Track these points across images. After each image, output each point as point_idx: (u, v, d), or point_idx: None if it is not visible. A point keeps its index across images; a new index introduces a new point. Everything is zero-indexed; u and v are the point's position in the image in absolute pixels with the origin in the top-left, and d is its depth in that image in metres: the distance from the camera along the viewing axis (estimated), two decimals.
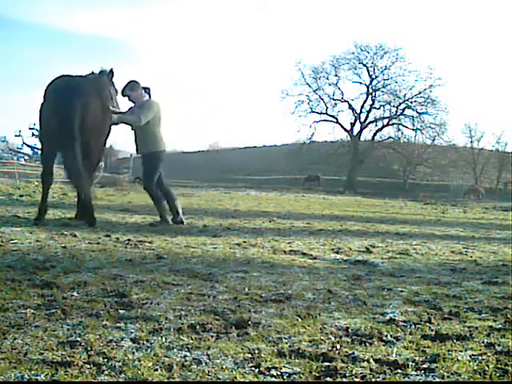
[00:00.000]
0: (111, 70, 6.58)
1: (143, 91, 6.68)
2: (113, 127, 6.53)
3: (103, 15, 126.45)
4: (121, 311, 2.48)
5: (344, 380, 1.80)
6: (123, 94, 6.67)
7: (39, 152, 8.56)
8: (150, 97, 6.73)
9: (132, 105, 6.73)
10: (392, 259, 4.77)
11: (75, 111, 5.61)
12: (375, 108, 45.08)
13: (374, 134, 45.43)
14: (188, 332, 2.22)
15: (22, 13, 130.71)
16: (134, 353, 1.94)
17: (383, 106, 44.91)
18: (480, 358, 2.04)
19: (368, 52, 43.78)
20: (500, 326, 2.55)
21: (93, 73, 6.44)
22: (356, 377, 1.82)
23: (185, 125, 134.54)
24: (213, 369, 1.83)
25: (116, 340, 2.07)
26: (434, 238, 7.11)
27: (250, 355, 1.98)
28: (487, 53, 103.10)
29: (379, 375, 1.85)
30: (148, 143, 6.62)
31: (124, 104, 6.80)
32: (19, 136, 51.66)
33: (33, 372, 1.72)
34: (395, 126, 44.53)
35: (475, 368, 1.93)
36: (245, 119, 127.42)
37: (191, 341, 2.11)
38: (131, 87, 6.62)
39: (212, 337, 2.18)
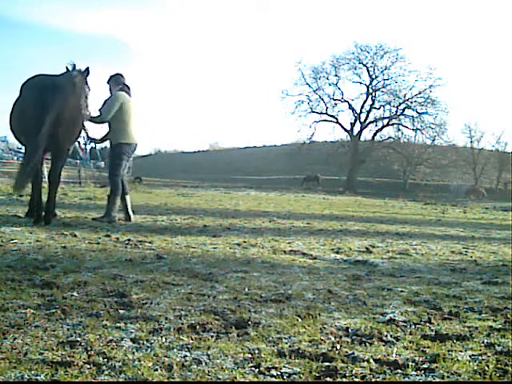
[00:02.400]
0: (87, 69, 6.40)
1: (121, 86, 6.72)
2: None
3: (103, 15, 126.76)
4: (121, 311, 2.48)
5: (344, 380, 1.80)
6: (108, 82, 6.85)
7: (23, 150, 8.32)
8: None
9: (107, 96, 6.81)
10: (392, 259, 4.77)
11: (51, 111, 5.48)
12: (375, 108, 45.04)
13: (374, 134, 45.39)
14: (188, 332, 2.22)
15: (22, 13, 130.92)
16: (134, 353, 1.94)
17: (383, 106, 44.88)
18: (480, 358, 2.04)
19: (368, 52, 43.77)
20: (500, 326, 2.55)
21: (68, 70, 6.26)
22: (356, 377, 1.82)
23: (185, 125, 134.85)
24: (213, 369, 1.83)
25: (116, 340, 2.07)
26: (434, 238, 7.11)
27: (250, 355, 1.98)
28: (487, 53, 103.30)
29: (379, 375, 1.85)
30: (117, 134, 6.64)
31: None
32: None
33: (33, 372, 1.72)
34: (395, 126, 44.48)
35: (475, 368, 1.93)
36: (245, 119, 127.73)
37: (191, 341, 2.11)
38: (116, 80, 6.79)
39: (212, 337, 2.18)
